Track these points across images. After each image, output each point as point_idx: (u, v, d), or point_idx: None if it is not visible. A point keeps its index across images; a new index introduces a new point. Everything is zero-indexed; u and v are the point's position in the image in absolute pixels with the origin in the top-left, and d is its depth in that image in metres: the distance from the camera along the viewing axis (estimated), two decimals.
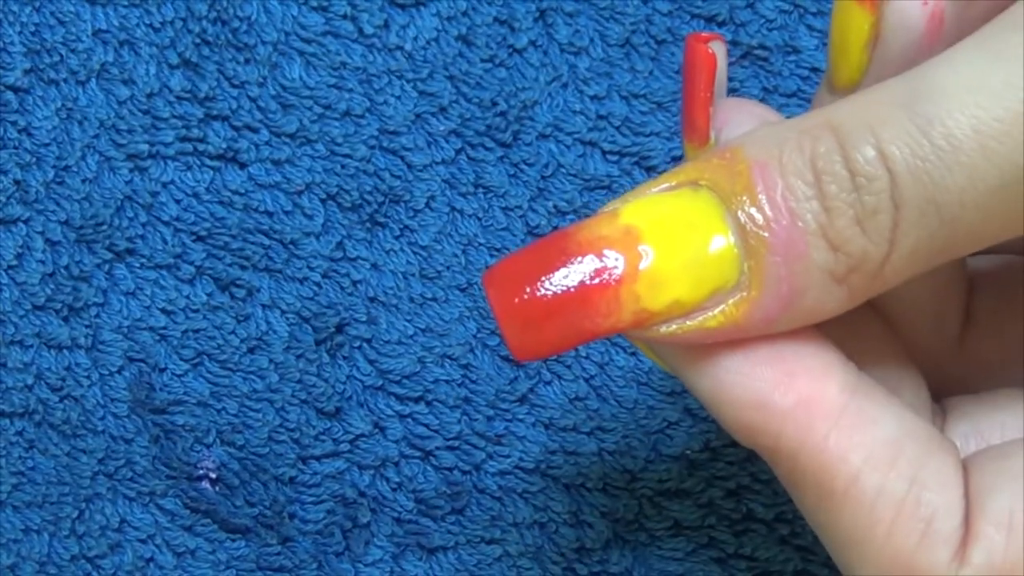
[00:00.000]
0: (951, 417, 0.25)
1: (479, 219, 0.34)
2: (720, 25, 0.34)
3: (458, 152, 0.34)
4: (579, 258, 0.23)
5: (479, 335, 0.34)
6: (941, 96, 0.20)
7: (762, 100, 0.34)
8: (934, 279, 0.26)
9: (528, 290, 0.23)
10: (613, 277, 0.22)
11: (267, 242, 0.34)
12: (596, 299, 0.23)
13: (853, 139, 0.21)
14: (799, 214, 0.22)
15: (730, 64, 0.34)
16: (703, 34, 0.24)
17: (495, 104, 0.34)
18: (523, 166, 0.34)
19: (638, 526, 0.34)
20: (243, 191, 0.34)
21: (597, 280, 0.22)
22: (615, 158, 0.34)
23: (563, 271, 0.23)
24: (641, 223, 0.23)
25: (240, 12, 0.34)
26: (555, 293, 0.23)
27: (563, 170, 0.34)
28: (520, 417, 0.34)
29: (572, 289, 0.23)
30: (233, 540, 0.34)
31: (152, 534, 0.34)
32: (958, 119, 0.20)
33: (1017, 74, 0.20)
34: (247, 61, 0.34)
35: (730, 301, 0.22)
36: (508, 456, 0.34)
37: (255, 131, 0.34)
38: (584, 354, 0.33)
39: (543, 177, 0.34)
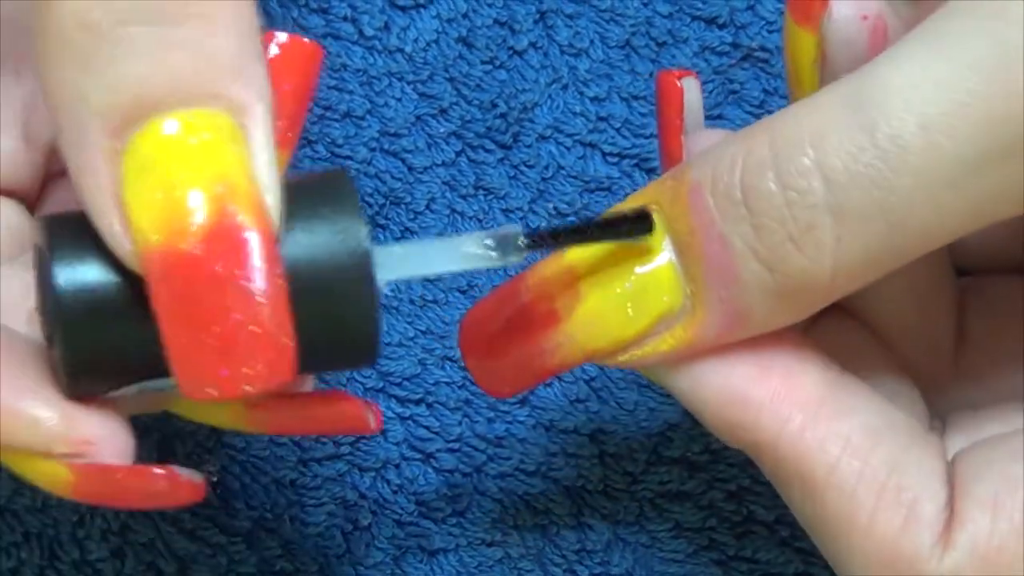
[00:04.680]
0: (949, 431, 0.25)
1: (479, 221, 0.34)
2: (721, 27, 0.34)
3: (458, 154, 0.34)
4: (524, 301, 0.23)
5: None
6: (885, 95, 0.20)
7: (763, 102, 0.34)
8: (922, 298, 0.26)
9: (482, 335, 0.24)
10: (551, 319, 0.23)
11: None
12: (538, 340, 0.23)
13: (787, 150, 0.21)
14: (727, 237, 0.21)
15: (731, 66, 0.34)
16: (675, 70, 0.25)
17: (495, 106, 0.34)
18: (523, 168, 0.34)
19: (639, 528, 0.33)
20: None
21: (537, 323, 0.23)
22: (615, 160, 0.34)
23: (509, 315, 0.24)
24: (581, 263, 0.23)
25: None
26: (502, 336, 0.24)
27: (563, 172, 0.34)
28: (521, 419, 0.34)
29: (516, 331, 0.24)
30: (234, 543, 0.34)
31: (153, 538, 0.34)
32: (903, 118, 0.20)
33: (962, 62, 0.19)
34: None
35: (678, 325, 0.23)
36: (509, 458, 0.34)
37: None
38: None
39: (543, 179, 0.34)
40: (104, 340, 0.21)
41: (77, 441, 0.21)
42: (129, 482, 0.22)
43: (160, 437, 0.34)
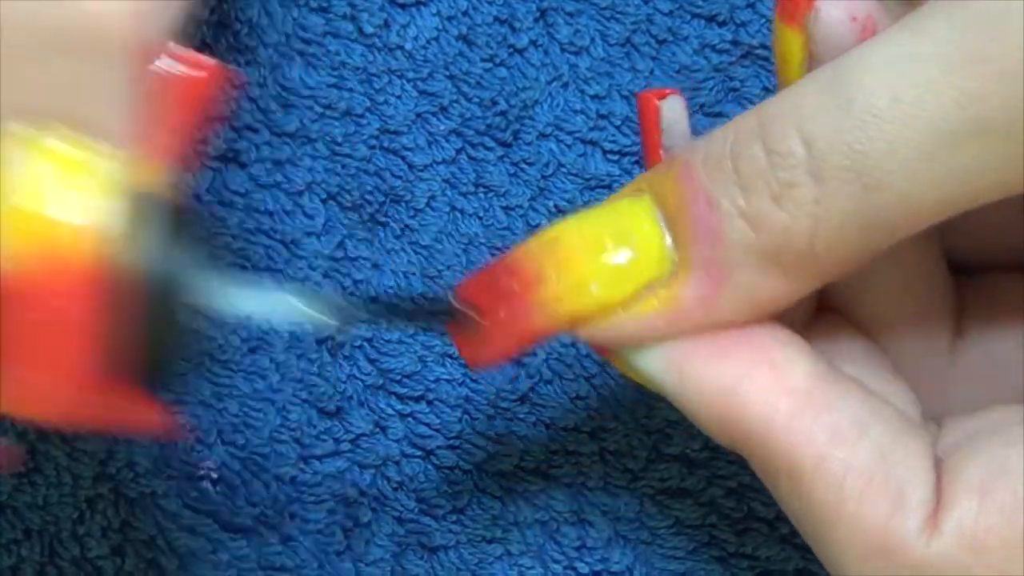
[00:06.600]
0: (945, 432, 0.25)
1: (480, 218, 0.34)
2: (720, 25, 0.34)
3: (459, 151, 0.34)
4: (509, 270, 0.24)
5: None
6: (863, 73, 0.21)
7: (762, 99, 0.34)
8: (918, 298, 0.26)
9: (468, 303, 0.25)
10: (537, 279, 0.24)
11: (268, 242, 0.34)
12: (523, 299, 0.24)
13: (773, 122, 0.22)
14: (714, 198, 0.22)
15: (731, 63, 0.34)
16: (656, 90, 0.26)
17: (495, 103, 0.34)
18: (524, 165, 0.34)
19: (639, 525, 0.34)
20: (244, 191, 0.34)
21: (523, 282, 0.24)
22: (616, 157, 0.34)
23: (495, 283, 0.24)
24: (566, 233, 0.24)
25: (241, 15, 0.34)
26: (487, 300, 0.25)
27: (564, 169, 0.34)
28: (521, 416, 0.34)
29: (501, 293, 0.24)
30: (234, 540, 0.34)
31: (153, 535, 0.34)
32: (876, 91, 0.21)
33: (935, 41, 0.20)
34: (248, 63, 0.34)
35: (662, 287, 0.23)
36: (509, 455, 0.34)
37: (255, 131, 0.34)
38: (584, 352, 0.34)
39: (544, 176, 0.34)
40: None
41: None
42: None
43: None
